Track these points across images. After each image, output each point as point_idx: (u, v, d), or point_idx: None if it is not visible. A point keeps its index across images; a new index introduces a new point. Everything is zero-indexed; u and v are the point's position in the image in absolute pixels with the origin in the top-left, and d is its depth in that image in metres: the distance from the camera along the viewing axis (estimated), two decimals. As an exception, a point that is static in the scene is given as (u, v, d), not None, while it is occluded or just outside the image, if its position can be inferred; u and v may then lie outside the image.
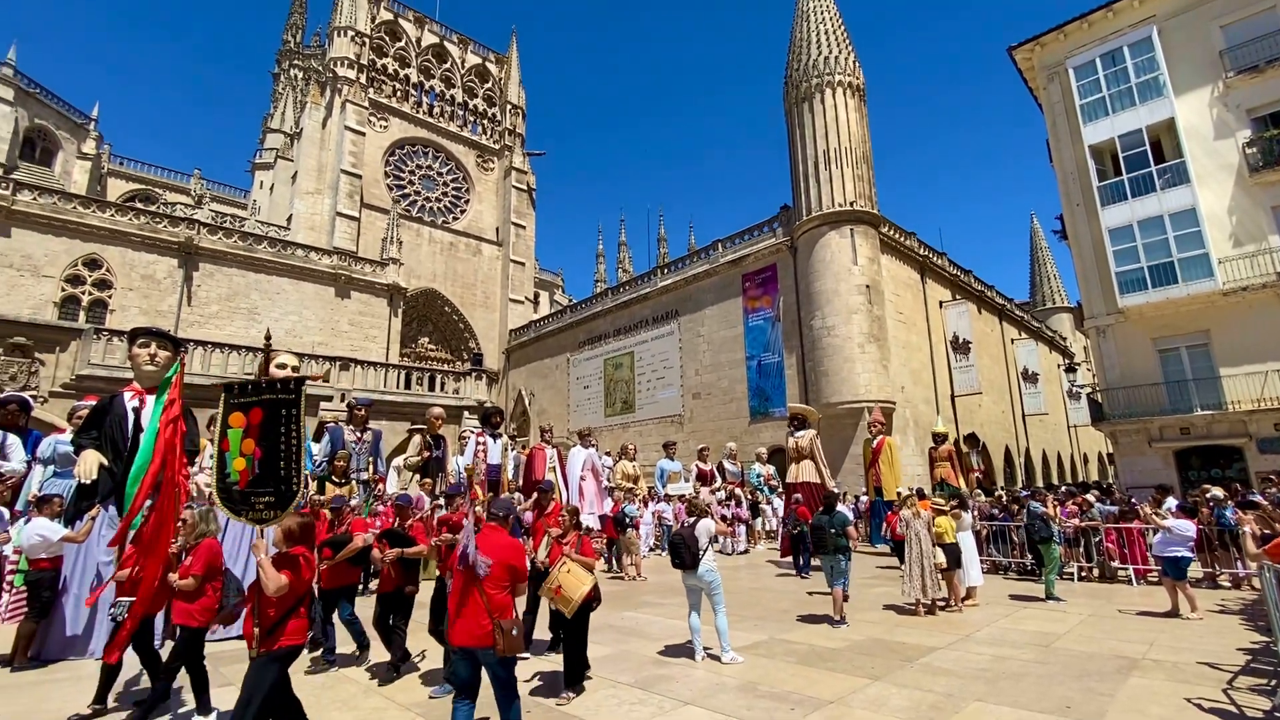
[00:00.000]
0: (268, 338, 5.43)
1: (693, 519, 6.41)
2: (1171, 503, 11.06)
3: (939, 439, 13.80)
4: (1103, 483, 24.38)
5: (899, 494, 12.19)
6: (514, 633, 3.82)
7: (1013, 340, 33.40)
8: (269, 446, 3.82)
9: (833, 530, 7.89)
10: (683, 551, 6.12)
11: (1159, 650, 6.36)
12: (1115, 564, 10.96)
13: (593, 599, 5.19)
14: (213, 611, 4.47)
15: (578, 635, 5.20)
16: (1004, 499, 13.62)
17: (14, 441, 7.48)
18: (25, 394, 11.20)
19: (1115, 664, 5.88)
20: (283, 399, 3.86)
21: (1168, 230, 17.53)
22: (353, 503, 9.06)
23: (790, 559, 12.42)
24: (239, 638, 5.80)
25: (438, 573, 5.72)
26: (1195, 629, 7.33)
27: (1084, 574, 11.20)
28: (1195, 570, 9.66)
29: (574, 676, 5.13)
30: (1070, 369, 28.68)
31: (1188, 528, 8.45)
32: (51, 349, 17.33)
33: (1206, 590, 9.63)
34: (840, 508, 9.40)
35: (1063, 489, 17.42)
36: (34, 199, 23.97)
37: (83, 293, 24.53)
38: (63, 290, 24.07)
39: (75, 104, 41.39)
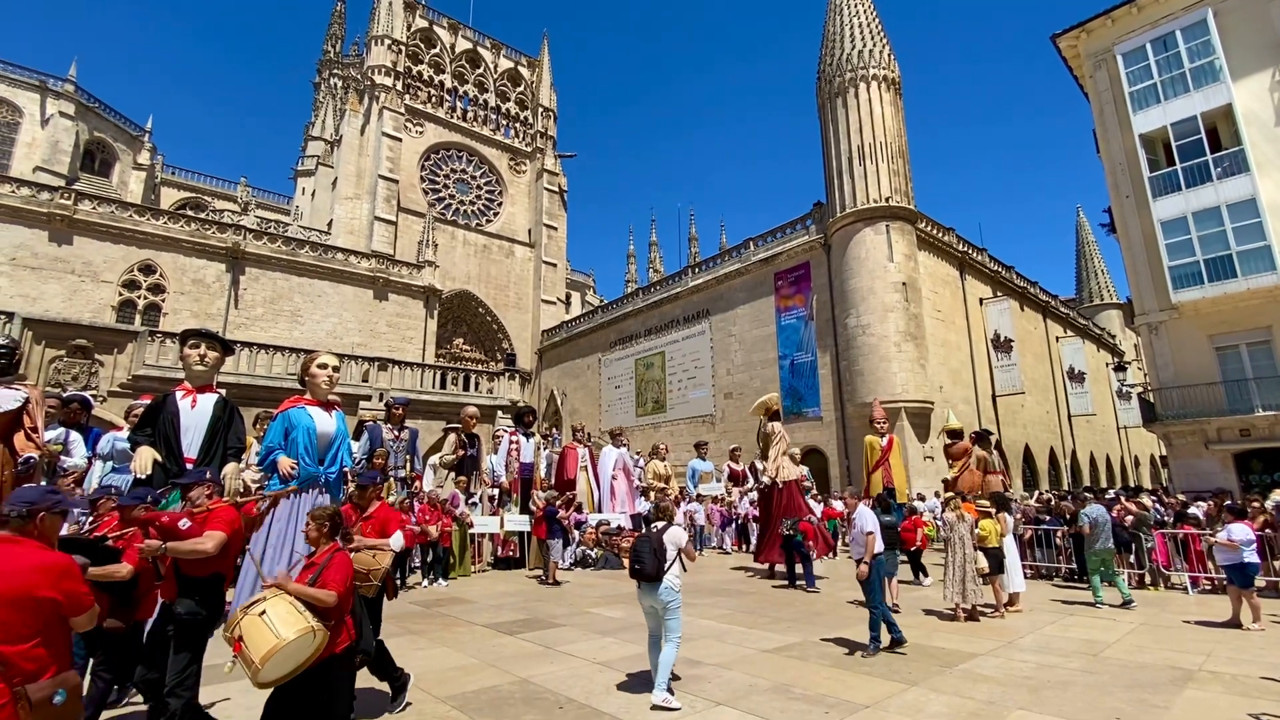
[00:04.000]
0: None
1: (661, 525, 5.25)
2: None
3: (954, 435, 12.11)
4: (1155, 487, 23.35)
5: (909, 495, 11.76)
6: (56, 701, 2.32)
7: (1057, 338, 32.24)
8: None
9: (895, 529, 8.84)
10: (646, 558, 4.89)
11: (1216, 661, 6.06)
12: (1169, 570, 10.50)
13: (331, 656, 3.21)
14: None
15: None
16: (1050, 502, 13.15)
17: (76, 438, 7.86)
18: (86, 393, 11.81)
19: (1169, 675, 5.63)
20: None
21: (1225, 222, 16.70)
22: (389, 499, 9.28)
23: (766, 565, 11.10)
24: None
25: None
26: (1256, 640, 6.97)
27: (1135, 581, 10.77)
28: (1258, 579, 9.18)
29: None
30: (1120, 368, 27.47)
31: (1244, 532, 8.01)
32: (110, 350, 18.18)
33: (1270, 600, 9.15)
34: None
35: (1111, 493, 16.74)
36: (94, 208, 25.22)
37: (138, 297, 25.71)
38: (120, 295, 25.26)
39: (131, 117, 43.61)
